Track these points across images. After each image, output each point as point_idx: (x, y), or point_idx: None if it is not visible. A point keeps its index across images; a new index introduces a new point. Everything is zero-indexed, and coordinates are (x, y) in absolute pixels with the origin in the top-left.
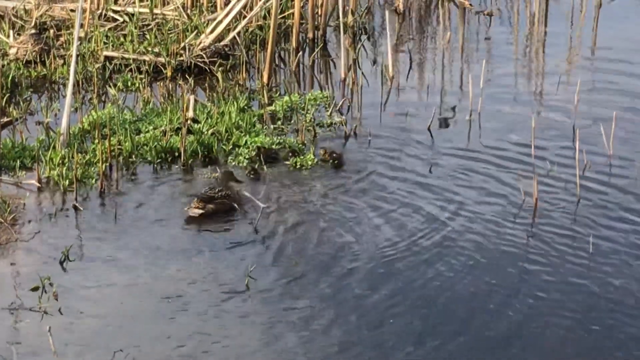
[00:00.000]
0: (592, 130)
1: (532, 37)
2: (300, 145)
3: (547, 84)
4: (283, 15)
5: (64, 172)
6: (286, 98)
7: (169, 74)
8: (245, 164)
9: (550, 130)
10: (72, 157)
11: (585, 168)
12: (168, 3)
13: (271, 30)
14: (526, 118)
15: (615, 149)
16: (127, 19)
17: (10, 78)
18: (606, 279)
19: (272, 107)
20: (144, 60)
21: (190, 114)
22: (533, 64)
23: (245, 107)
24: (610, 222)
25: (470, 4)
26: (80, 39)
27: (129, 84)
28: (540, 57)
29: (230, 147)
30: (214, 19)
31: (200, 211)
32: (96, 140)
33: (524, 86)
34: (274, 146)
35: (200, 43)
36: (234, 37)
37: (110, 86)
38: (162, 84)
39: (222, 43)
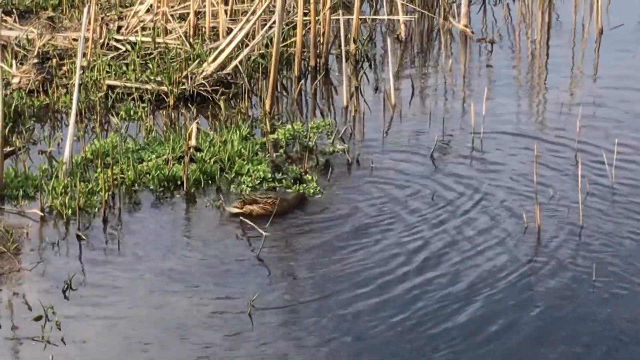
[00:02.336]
0: (594, 156)
1: (533, 64)
2: (302, 173)
3: (549, 110)
4: (285, 43)
5: (66, 201)
6: (288, 126)
7: (171, 102)
8: (248, 193)
9: (553, 156)
10: (75, 186)
11: (587, 195)
12: (170, 32)
13: (273, 59)
14: (528, 145)
15: (617, 176)
16: (129, 48)
17: (13, 107)
18: (610, 306)
19: (275, 135)
20: (147, 89)
21: (193, 142)
22: (535, 91)
23: (248, 136)
24: (614, 249)
25: (472, 32)
26: (82, 68)
27: (132, 112)
28: (542, 84)
29: (233, 175)
30: (216, 48)
31: (238, 210)
32: (99, 169)
33: (525, 113)
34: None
35: (202, 72)
36: (236, 66)
37: (112, 115)
38: (164, 112)
39: (224, 71)
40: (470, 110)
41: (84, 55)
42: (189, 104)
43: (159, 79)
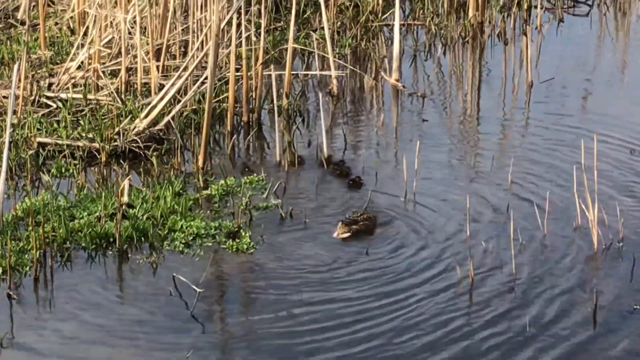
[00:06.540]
0: (526, 209)
1: (465, 118)
2: (236, 228)
3: (481, 164)
4: (217, 99)
5: None
6: (222, 182)
7: (103, 159)
8: (181, 249)
9: (485, 210)
10: (5, 245)
11: (520, 247)
12: (102, 88)
13: (206, 114)
14: (460, 198)
15: (549, 228)
16: (60, 104)
17: None
18: (545, 358)
19: (208, 191)
20: (78, 146)
21: (125, 199)
22: (467, 144)
23: (181, 192)
24: (547, 300)
25: (403, 86)
26: (13, 125)
27: (63, 169)
28: (473, 138)
29: (166, 231)
30: (148, 104)
31: (348, 234)
32: (30, 227)
33: (458, 167)
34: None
35: (134, 128)
36: (169, 122)
37: (44, 172)
38: (96, 169)
39: (156, 127)
40: (402, 164)
41: (14, 112)
42: (121, 161)
43: (90, 135)
